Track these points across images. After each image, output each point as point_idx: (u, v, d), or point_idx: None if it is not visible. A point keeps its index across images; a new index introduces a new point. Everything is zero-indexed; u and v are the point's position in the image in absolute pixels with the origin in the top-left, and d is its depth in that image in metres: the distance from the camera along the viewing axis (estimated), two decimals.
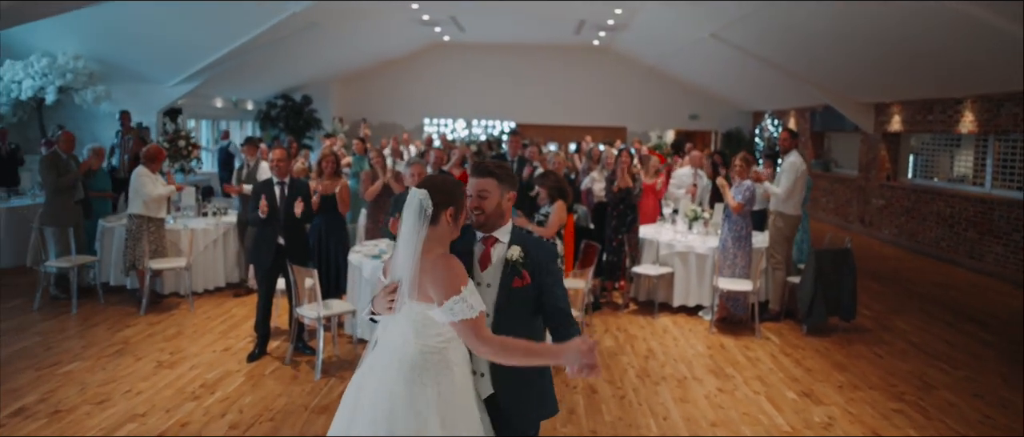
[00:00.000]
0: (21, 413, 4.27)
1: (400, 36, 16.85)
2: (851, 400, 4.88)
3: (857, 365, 5.62)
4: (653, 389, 5.01)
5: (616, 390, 4.96)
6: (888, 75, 10.41)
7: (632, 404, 4.73)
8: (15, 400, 4.44)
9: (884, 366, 5.62)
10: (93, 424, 4.17)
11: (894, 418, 4.61)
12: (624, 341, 6.09)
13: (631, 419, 4.49)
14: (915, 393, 5.06)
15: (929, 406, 4.82)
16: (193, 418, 4.31)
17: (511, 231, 2.62)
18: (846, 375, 5.38)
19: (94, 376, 4.91)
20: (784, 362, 5.64)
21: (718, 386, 5.10)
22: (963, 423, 4.56)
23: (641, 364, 5.52)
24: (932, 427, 4.48)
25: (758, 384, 5.15)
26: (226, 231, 7.49)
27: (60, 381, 4.80)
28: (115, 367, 5.09)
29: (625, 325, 6.58)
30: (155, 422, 4.23)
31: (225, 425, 4.24)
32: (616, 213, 7.16)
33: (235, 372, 5.10)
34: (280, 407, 4.51)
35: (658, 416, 4.54)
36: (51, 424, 4.15)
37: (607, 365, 5.46)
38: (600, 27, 15.36)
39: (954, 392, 5.10)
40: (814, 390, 5.05)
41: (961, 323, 6.98)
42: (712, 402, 4.80)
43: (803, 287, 6.42)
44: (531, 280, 2.52)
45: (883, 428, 4.45)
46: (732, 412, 4.64)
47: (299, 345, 5.46)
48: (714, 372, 5.39)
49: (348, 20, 12.95)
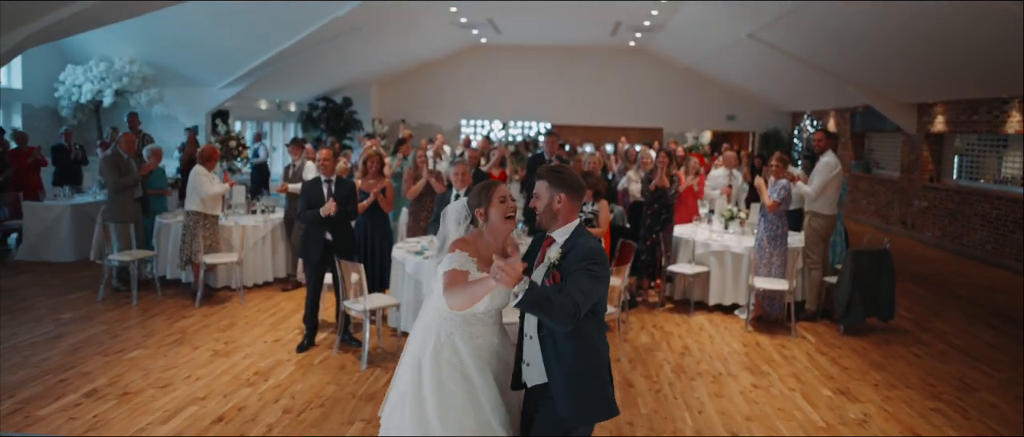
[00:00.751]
0: (94, 394, 4.59)
1: (438, 38, 17.15)
2: (888, 399, 4.90)
3: (895, 365, 5.62)
4: (689, 384, 5.10)
5: (652, 384, 5.07)
6: (930, 75, 10.25)
7: (668, 398, 4.84)
8: (87, 383, 4.77)
9: (923, 366, 5.61)
10: (158, 406, 4.46)
11: (931, 417, 4.62)
12: (660, 338, 6.18)
13: (666, 412, 4.59)
14: (954, 393, 5.05)
15: (969, 406, 4.81)
16: (248, 403, 4.57)
17: (571, 232, 2.73)
18: (883, 374, 5.39)
19: (156, 362, 5.22)
20: (820, 361, 5.67)
21: (753, 382, 5.17)
22: (1004, 424, 4.55)
23: (677, 360, 5.62)
24: (970, 427, 4.49)
25: (793, 381, 5.20)
26: (274, 228, 7.81)
27: (126, 366, 5.12)
28: (174, 355, 5.40)
29: (661, 323, 6.67)
30: (214, 406, 4.50)
31: (279, 410, 4.48)
32: (651, 212, 7.25)
33: (286, 361, 5.37)
34: (329, 394, 4.75)
35: (693, 410, 4.64)
36: (120, 405, 4.45)
37: (643, 360, 5.58)
38: (636, 28, 15.40)
39: (995, 394, 5.07)
40: (850, 388, 5.08)
41: (1006, 326, 6.89)
42: (747, 397, 4.88)
43: (840, 287, 6.43)
44: (561, 280, 2.64)
45: (920, 427, 4.48)
46: (767, 407, 4.71)
47: (346, 337, 5.70)
48: (749, 369, 5.46)
49: (389, 23, 13.27)
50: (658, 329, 6.45)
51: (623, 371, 5.28)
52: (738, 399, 4.84)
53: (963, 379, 5.36)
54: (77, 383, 4.76)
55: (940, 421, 4.55)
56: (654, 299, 7.44)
